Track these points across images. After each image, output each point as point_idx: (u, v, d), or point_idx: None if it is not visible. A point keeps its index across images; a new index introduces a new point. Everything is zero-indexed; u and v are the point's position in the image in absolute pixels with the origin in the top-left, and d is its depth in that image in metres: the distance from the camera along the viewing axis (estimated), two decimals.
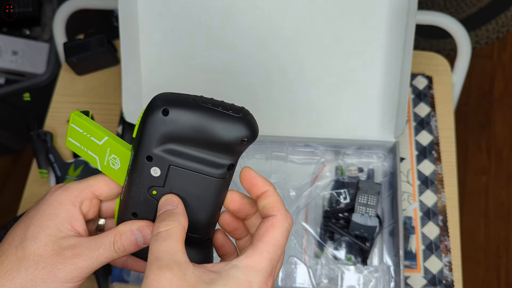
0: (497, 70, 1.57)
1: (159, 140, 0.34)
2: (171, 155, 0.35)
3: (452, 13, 1.62)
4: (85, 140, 0.39)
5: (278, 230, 0.35)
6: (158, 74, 0.71)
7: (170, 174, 0.36)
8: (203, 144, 0.35)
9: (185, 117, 0.34)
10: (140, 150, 0.35)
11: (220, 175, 0.36)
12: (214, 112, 0.34)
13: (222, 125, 0.34)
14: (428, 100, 0.78)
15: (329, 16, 0.66)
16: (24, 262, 0.36)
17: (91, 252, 0.37)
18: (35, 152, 0.77)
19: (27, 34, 1.16)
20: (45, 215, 0.38)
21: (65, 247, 0.37)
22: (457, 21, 0.79)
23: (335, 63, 0.68)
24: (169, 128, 0.34)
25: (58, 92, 0.84)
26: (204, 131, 0.34)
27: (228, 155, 0.35)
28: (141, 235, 0.38)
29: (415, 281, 0.67)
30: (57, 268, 0.36)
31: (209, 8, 0.67)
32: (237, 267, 0.33)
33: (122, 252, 0.38)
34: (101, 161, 0.39)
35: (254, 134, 0.35)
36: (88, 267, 0.36)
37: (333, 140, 0.70)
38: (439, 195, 0.72)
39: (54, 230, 0.37)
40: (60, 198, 0.39)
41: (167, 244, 0.33)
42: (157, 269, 0.32)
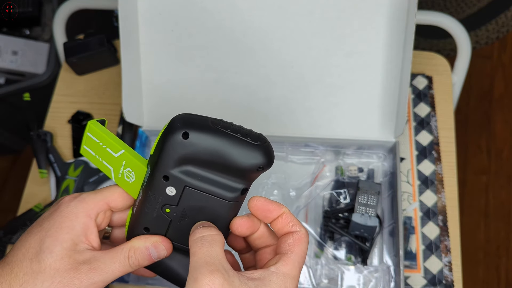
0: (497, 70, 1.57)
1: (177, 162, 0.35)
2: (187, 176, 0.36)
3: (452, 13, 1.62)
4: (101, 151, 0.39)
5: (304, 244, 0.37)
6: (158, 74, 0.71)
7: (184, 194, 0.37)
8: (220, 168, 0.36)
9: (204, 141, 0.35)
10: (158, 169, 0.36)
11: (233, 198, 0.37)
12: (233, 139, 0.35)
13: (240, 152, 0.35)
14: (428, 100, 0.78)
15: (329, 16, 0.66)
16: (40, 275, 0.36)
17: (106, 267, 0.37)
18: (35, 152, 0.77)
19: (27, 34, 1.16)
20: (61, 228, 0.38)
21: (81, 261, 0.37)
22: (457, 21, 0.79)
23: (335, 63, 0.68)
24: (188, 151, 0.35)
25: (58, 92, 0.84)
26: (221, 156, 0.35)
27: (243, 180, 0.37)
28: (156, 250, 0.39)
29: (415, 281, 0.67)
30: (73, 283, 0.36)
31: (209, 8, 0.67)
32: (276, 274, 0.35)
33: (137, 266, 0.39)
34: (115, 172, 0.39)
35: (270, 162, 0.36)
36: (103, 281, 0.37)
37: (333, 140, 0.70)
38: (439, 195, 0.72)
39: (70, 243, 0.37)
40: (77, 211, 0.39)
41: (215, 250, 0.34)
42: (209, 273, 0.32)
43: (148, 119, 0.72)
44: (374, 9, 0.65)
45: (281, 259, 0.36)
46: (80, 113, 0.81)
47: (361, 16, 0.65)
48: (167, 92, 0.72)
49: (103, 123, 0.40)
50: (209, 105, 0.71)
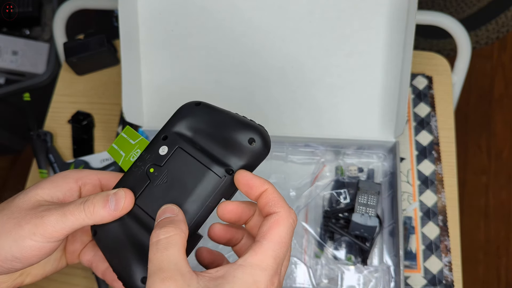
0: (497, 70, 1.57)
1: (180, 124, 0.39)
2: (183, 139, 0.38)
3: (452, 13, 1.62)
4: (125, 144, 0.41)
5: (282, 227, 0.33)
6: (158, 74, 0.71)
7: (174, 154, 0.38)
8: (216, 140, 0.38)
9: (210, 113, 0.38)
10: (161, 131, 0.39)
11: (217, 171, 0.37)
12: (237, 117, 0.38)
13: (238, 126, 0.37)
14: (428, 100, 0.78)
15: (329, 16, 0.66)
16: (4, 210, 0.37)
17: (61, 207, 0.35)
18: (35, 152, 0.77)
19: (27, 34, 1.16)
20: (48, 179, 0.39)
21: (42, 204, 0.37)
22: (457, 21, 0.79)
23: (335, 63, 0.68)
24: (192, 116, 0.38)
25: (58, 92, 0.84)
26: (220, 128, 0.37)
27: (234, 158, 0.37)
28: (114, 198, 0.36)
29: (415, 281, 0.67)
30: (25, 219, 0.35)
31: (209, 8, 0.67)
32: (243, 267, 0.32)
33: (91, 213, 0.35)
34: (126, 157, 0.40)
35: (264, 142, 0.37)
36: (54, 224, 0.35)
37: (333, 140, 0.70)
38: (439, 195, 0.72)
39: (45, 192, 0.38)
40: (68, 173, 0.40)
41: (169, 254, 0.32)
42: (160, 281, 0.30)
43: (148, 119, 0.72)
44: (374, 9, 0.65)
45: (251, 249, 0.33)
46: (80, 113, 0.81)
47: (361, 16, 0.65)
48: (167, 92, 0.72)
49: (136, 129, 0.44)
50: None
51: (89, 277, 0.70)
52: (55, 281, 0.71)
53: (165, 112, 0.72)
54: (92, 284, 0.70)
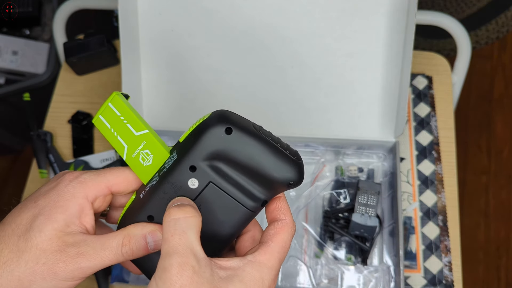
0: (497, 70, 1.57)
1: (211, 155, 0.34)
2: (215, 173, 0.35)
3: (452, 13, 1.62)
4: (120, 125, 0.37)
5: (286, 233, 0.36)
6: (158, 74, 0.71)
7: (206, 190, 0.35)
8: (250, 173, 0.35)
9: (245, 142, 0.34)
10: (187, 157, 0.35)
11: (252, 207, 0.36)
12: (273, 148, 0.35)
13: (276, 162, 0.35)
14: (428, 100, 0.78)
15: (329, 16, 0.66)
16: (25, 255, 0.34)
17: (96, 253, 0.35)
18: (35, 152, 0.77)
19: (27, 34, 1.16)
20: (55, 207, 0.36)
21: (70, 243, 0.35)
22: (457, 21, 0.79)
23: (335, 63, 0.68)
24: (226, 147, 0.34)
25: (58, 92, 0.84)
26: (257, 161, 0.34)
27: (267, 191, 0.36)
28: (153, 240, 0.36)
29: (415, 281, 0.67)
30: (58, 266, 0.34)
31: (209, 8, 0.67)
32: (252, 263, 0.33)
33: (130, 256, 0.36)
34: (129, 151, 0.37)
35: (300, 181, 0.36)
36: (90, 267, 0.35)
37: (333, 140, 0.70)
38: (439, 195, 0.72)
39: (62, 224, 0.35)
40: (74, 191, 0.36)
41: (187, 237, 0.32)
42: (178, 266, 0.30)
43: (148, 119, 0.72)
44: (374, 9, 0.65)
45: (260, 248, 0.35)
46: (80, 113, 0.81)
47: (361, 16, 0.65)
48: (167, 92, 0.72)
49: (126, 97, 0.38)
50: (209, 105, 0.71)
51: (89, 277, 0.70)
52: None
53: (165, 112, 0.72)
54: (92, 284, 0.70)
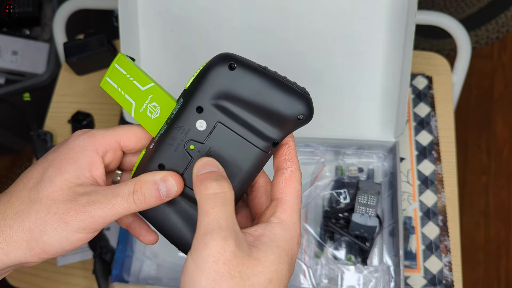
0: (497, 70, 1.57)
1: (217, 94, 0.34)
2: (222, 113, 0.34)
3: (452, 13, 1.62)
4: (126, 83, 0.37)
5: (296, 182, 0.35)
6: (158, 74, 0.71)
7: (215, 131, 0.34)
8: (259, 111, 0.34)
9: (250, 77, 0.33)
10: (193, 99, 0.34)
11: (264, 147, 0.35)
12: (279, 82, 0.34)
13: (284, 96, 0.34)
14: (428, 100, 0.78)
15: (329, 16, 0.66)
16: (36, 205, 0.34)
17: (107, 200, 0.34)
18: (35, 152, 0.77)
19: (27, 34, 1.16)
20: (65, 158, 0.35)
21: (81, 193, 0.34)
22: (457, 21, 0.79)
23: (335, 63, 0.68)
24: (231, 83, 0.33)
25: (58, 92, 0.84)
26: (264, 97, 0.33)
27: (278, 129, 0.35)
28: (165, 186, 0.35)
29: (415, 281, 0.67)
30: (69, 215, 0.33)
31: (209, 8, 0.67)
32: (279, 224, 0.33)
33: (142, 203, 0.35)
34: (137, 107, 0.37)
35: (311, 115, 0.35)
36: (102, 216, 0.34)
37: (333, 140, 0.70)
38: (439, 195, 0.72)
39: (72, 175, 0.35)
40: (84, 144, 0.36)
41: (228, 211, 0.32)
42: (222, 240, 0.30)
43: None
44: (374, 9, 0.65)
45: (279, 206, 0.34)
46: (80, 113, 0.81)
47: (361, 16, 0.65)
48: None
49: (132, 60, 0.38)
50: None
51: (89, 277, 0.70)
52: (55, 281, 0.71)
53: None
54: (92, 284, 0.70)
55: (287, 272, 0.32)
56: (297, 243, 0.34)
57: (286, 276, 0.32)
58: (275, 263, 0.31)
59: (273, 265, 0.31)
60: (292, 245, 0.33)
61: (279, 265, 0.32)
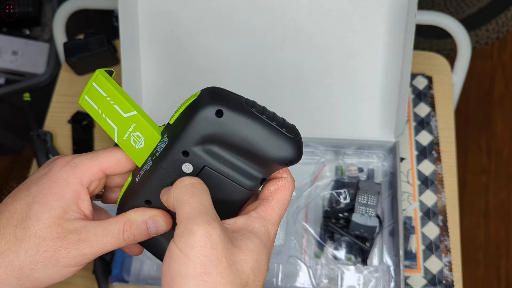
0: (497, 70, 1.57)
1: (203, 139, 0.33)
2: (209, 156, 0.34)
3: (452, 13, 1.62)
4: (106, 106, 0.35)
5: (287, 191, 0.36)
6: (158, 74, 0.71)
7: (201, 174, 0.34)
8: (246, 154, 0.34)
9: (238, 124, 0.32)
10: (179, 143, 0.33)
11: (250, 186, 0.35)
12: (268, 127, 0.33)
13: (273, 142, 0.33)
14: (428, 100, 0.78)
15: (329, 16, 0.66)
16: (24, 243, 0.34)
17: (97, 239, 0.34)
18: (35, 152, 0.77)
19: (27, 34, 1.16)
20: (50, 194, 0.35)
21: (70, 230, 0.34)
22: (457, 21, 0.79)
23: (335, 63, 0.68)
24: (218, 130, 0.32)
25: (58, 92, 0.84)
26: (253, 143, 0.33)
27: (266, 170, 0.35)
28: (154, 225, 0.36)
29: (415, 281, 0.67)
30: (60, 253, 0.34)
31: (209, 8, 0.67)
32: (258, 219, 0.34)
33: (132, 241, 0.36)
34: (120, 134, 0.36)
35: (299, 158, 0.35)
36: (92, 253, 0.35)
37: (333, 140, 0.70)
38: (439, 195, 0.72)
39: (59, 211, 0.34)
40: (68, 177, 0.35)
41: (206, 199, 0.32)
42: (207, 224, 0.30)
43: None
44: (374, 9, 0.65)
45: (261, 204, 0.35)
46: (80, 113, 0.81)
47: (361, 16, 0.65)
48: (167, 92, 0.72)
49: (110, 73, 0.36)
50: None
51: (89, 277, 0.70)
52: None
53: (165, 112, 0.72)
54: (92, 284, 0.70)
55: (265, 266, 0.33)
56: (273, 242, 0.34)
57: (264, 269, 0.32)
58: (255, 253, 0.32)
59: (253, 254, 0.31)
60: (270, 242, 0.34)
61: (259, 256, 0.32)
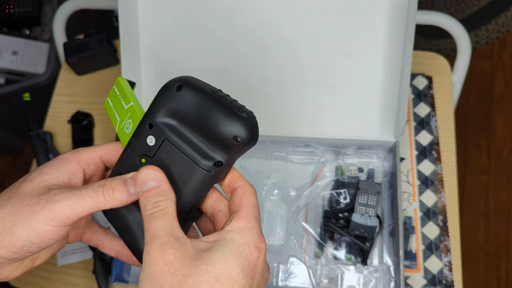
0: (497, 70, 1.57)
1: (164, 112, 0.36)
2: (169, 130, 0.37)
3: (452, 13, 1.62)
4: (118, 103, 0.41)
5: (251, 195, 0.37)
6: (158, 74, 0.71)
7: (162, 147, 0.37)
8: (201, 131, 0.36)
9: (193, 98, 0.35)
10: (146, 117, 0.38)
11: (205, 166, 0.36)
12: (221, 105, 0.35)
13: (222, 118, 0.35)
14: (428, 100, 0.78)
15: (329, 16, 0.66)
16: (12, 199, 0.36)
17: (78, 191, 0.36)
18: (35, 152, 0.77)
19: (27, 34, 1.16)
20: (49, 165, 0.39)
21: (54, 189, 0.36)
22: (457, 21, 0.79)
23: (335, 63, 0.68)
24: (175, 102, 0.36)
25: (58, 92, 0.84)
26: (204, 118, 0.35)
27: (220, 151, 0.36)
28: (133, 183, 0.37)
29: (415, 281, 0.67)
30: (39, 204, 0.35)
31: (209, 8, 0.67)
32: (231, 231, 0.35)
33: (111, 198, 0.36)
34: (120, 123, 0.40)
35: (250, 137, 0.35)
36: (71, 206, 0.35)
37: (333, 140, 0.70)
38: (439, 195, 0.72)
39: (51, 177, 0.38)
40: (68, 156, 0.40)
41: (164, 222, 0.34)
42: (159, 246, 0.32)
43: None
44: (374, 9, 0.65)
45: (234, 217, 0.36)
46: (80, 113, 0.81)
47: (361, 16, 0.65)
48: None
49: (132, 84, 0.42)
50: None
51: (89, 277, 0.70)
52: (55, 281, 0.71)
53: None
54: (92, 284, 0.70)
55: (242, 273, 0.33)
56: (254, 247, 0.34)
57: (240, 277, 0.33)
58: (220, 261, 0.32)
59: (217, 263, 0.32)
60: (247, 249, 0.34)
61: (226, 264, 0.32)
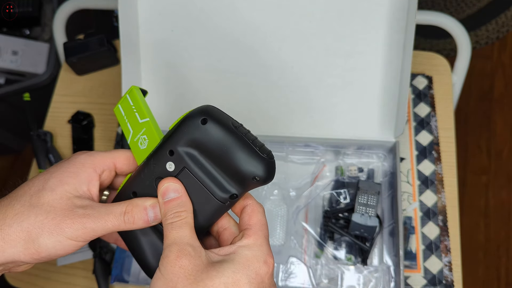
0: (497, 70, 1.57)
1: (187, 142, 0.38)
2: (190, 160, 0.38)
3: (452, 13, 1.62)
4: (131, 113, 0.42)
5: (259, 213, 0.40)
6: (158, 74, 0.71)
7: (181, 174, 0.39)
8: (222, 165, 0.38)
9: (217, 133, 0.37)
10: (167, 142, 0.39)
11: (221, 198, 0.39)
12: (243, 143, 0.37)
13: (244, 156, 0.37)
14: (428, 100, 0.78)
15: (329, 16, 0.66)
16: (36, 209, 0.37)
17: (101, 216, 0.38)
18: (35, 152, 0.77)
19: (27, 34, 1.16)
20: (67, 172, 0.39)
21: (78, 205, 0.38)
22: (457, 21, 0.79)
23: (335, 63, 0.68)
24: (200, 135, 0.37)
25: (58, 92, 0.84)
26: (227, 153, 0.37)
27: (237, 185, 0.38)
28: (153, 212, 0.39)
29: (415, 281, 0.67)
30: (65, 222, 0.37)
31: (209, 8, 0.67)
32: (242, 247, 0.37)
33: (131, 224, 0.39)
34: (133, 136, 0.42)
35: (268, 177, 0.38)
36: (94, 229, 0.37)
37: (333, 140, 0.70)
38: (439, 195, 0.72)
39: (72, 187, 0.39)
40: (84, 161, 0.40)
41: (183, 231, 0.37)
42: (177, 251, 0.35)
43: None
44: (374, 9, 0.65)
45: (244, 234, 0.38)
46: (80, 113, 0.81)
47: (361, 16, 0.65)
48: (167, 92, 0.72)
49: (144, 93, 0.43)
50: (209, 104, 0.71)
51: (89, 277, 0.70)
52: (55, 281, 0.71)
53: (165, 112, 0.72)
54: (92, 284, 0.70)
55: (248, 284, 0.35)
56: (263, 262, 0.36)
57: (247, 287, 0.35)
58: (230, 271, 0.35)
59: (227, 272, 0.35)
60: (256, 263, 0.36)
61: (235, 274, 0.35)
